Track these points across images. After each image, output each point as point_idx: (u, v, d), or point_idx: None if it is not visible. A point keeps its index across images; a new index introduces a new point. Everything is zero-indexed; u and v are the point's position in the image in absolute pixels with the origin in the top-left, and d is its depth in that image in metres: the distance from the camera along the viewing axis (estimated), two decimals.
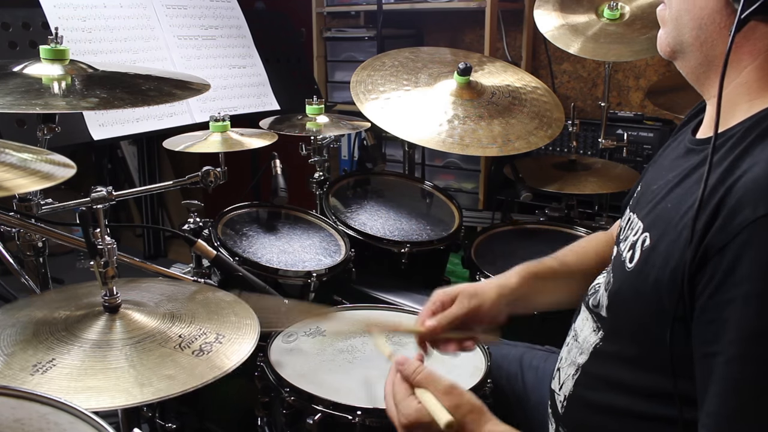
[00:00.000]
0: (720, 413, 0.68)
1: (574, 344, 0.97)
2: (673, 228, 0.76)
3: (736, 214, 0.67)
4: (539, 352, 1.26)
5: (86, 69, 1.19)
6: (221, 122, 1.60)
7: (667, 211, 0.80)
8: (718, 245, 0.68)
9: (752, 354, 0.66)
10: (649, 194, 0.88)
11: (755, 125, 0.74)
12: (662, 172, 0.89)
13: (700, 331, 0.71)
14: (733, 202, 0.68)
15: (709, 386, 0.70)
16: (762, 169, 0.68)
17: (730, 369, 0.67)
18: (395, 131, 1.78)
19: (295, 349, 1.28)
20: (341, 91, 2.96)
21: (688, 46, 0.82)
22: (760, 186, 0.67)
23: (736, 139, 0.75)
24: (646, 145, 2.41)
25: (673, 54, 0.85)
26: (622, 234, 0.92)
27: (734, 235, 0.67)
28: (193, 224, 1.49)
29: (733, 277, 0.67)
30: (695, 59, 0.82)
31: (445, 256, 1.85)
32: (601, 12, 1.99)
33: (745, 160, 0.71)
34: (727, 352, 0.67)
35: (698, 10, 0.78)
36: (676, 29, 0.83)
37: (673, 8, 0.82)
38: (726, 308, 0.68)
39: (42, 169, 0.93)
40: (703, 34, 0.79)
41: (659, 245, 0.78)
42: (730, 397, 0.67)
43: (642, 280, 0.80)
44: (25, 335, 0.98)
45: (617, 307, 0.88)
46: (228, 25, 2.31)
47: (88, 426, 0.63)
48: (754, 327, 0.65)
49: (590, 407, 0.91)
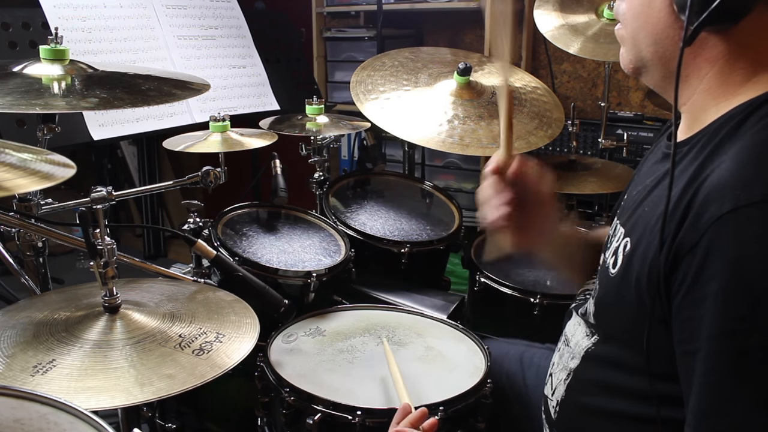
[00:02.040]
0: (700, 410, 0.69)
1: (565, 349, 0.98)
2: (649, 231, 0.78)
3: (704, 213, 0.68)
4: (539, 350, 1.26)
5: (86, 69, 1.19)
6: (221, 122, 1.60)
7: (644, 214, 0.82)
8: (688, 244, 0.70)
9: (726, 349, 0.67)
10: (630, 201, 0.90)
11: (722, 126, 0.76)
12: (642, 178, 0.91)
13: (678, 330, 0.73)
14: (701, 200, 0.70)
15: (689, 384, 0.71)
16: (727, 167, 0.70)
17: (706, 365, 0.68)
18: (395, 131, 1.78)
19: (295, 349, 1.28)
20: (341, 91, 2.96)
21: (648, 62, 0.84)
22: (724, 183, 0.68)
23: (704, 140, 0.77)
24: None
25: (637, 70, 0.87)
26: (608, 242, 0.93)
27: (702, 232, 0.68)
28: (193, 224, 1.49)
29: (704, 275, 0.68)
30: (658, 73, 0.84)
31: (445, 256, 1.85)
32: (601, 12, 1.99)
33: (713, 160, 0.73)
34: (703, 349, 0.68)
35: (651, 27, 0.81)
36: (635, 47, 0.85)
37: (629, 27, 0.85)
38: (699, 306, 0.69)
39: (42, 169, 0.93)
40: (660, 49, 0.81)
41: (638, 248, 0.80)
42: (708, 394, 0.69)
43: (625, 284, 0.81)
44: (26, 337, 0.98)
45: (604, 313, 0.89)
46: (228, 25, 2.31)
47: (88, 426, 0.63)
48: (725, 322, 0.67)
49: (583, 411, 0.91)
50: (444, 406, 1.08)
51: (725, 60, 0.77)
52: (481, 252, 1.77)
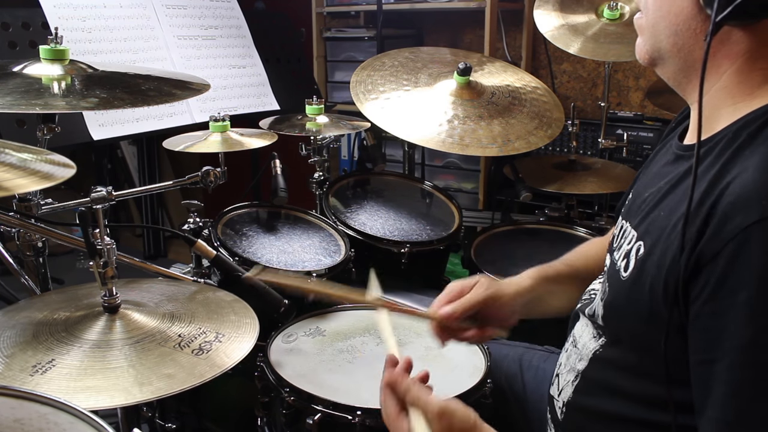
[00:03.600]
0: (720, 419, 0.68)
1: (573, 350, 0.97)
2: (666, 236, 0.76)
3: (728, 222, 0.67)
4: (538, 352, 1.26)
5: (86, 69, 1.19)
6: (221, 122, 1.60)
7: (660, 219, 0.80)
8: (710, 253, 0.68)
9: (750, 360, 0.66)
10: (640, 202, 0.89)
11: (741, 129, 0.74)
12: (653, 180, 0.89)
13: (695, 338, 0.72)
14: (724, 208, 0.68)
15: (707, 393, 0.70)
16: (751, 175, 0.68)
17: (729, 375, 0.67)
18: (395, 131, 1.78)
19: (295, 349, 1.28)
20: (341, 91, 2.96)
21: (666, 53, 0.83)
22: (749, 192, 0.67)
23: (723, 144, 0.75)
24: (646, 145, 2.41)
25: (653, 61, 0.86)
26: (615, 243, 0.92)
27: (726, 242, 0.67)
28: (193, 224, 1.49)
29: (728, 284, 0.67)
30: (674, 65, 0.83)
31: (445, 256, 1.85)
32: (600, 12, 1.99)
33: (734, 165, 0.72)
34: (726, 358, 0.67)
35: (673, 17, 0.79)
36: (654, 37, 0.83)
37: (650, 16, 0.83)
38: (722, 315, 0.68)
39: (42, 169, 0.93)
40: (680, 41, 0.80)
41: (653, 253, 0.78)
42: (729, 404, 0.68)
43: (637, 289, 0.80)
44: (25, 337, 0.98)
45: (614, 317, 0.88)
46: (228, 25, 2.31)
47: (88, 426, 0.63)
48: (751, 334, 0.66)
49: (590, 414, 0.91)
50: None
51: (746, 58, 0.76)
52: (481, 252, 1.77)
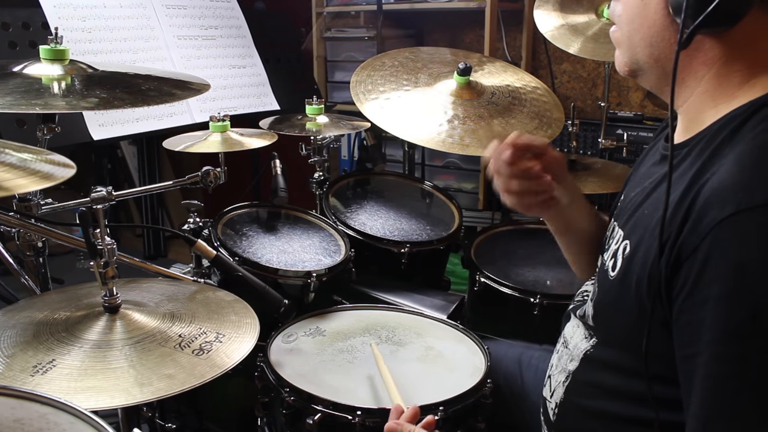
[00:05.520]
0: (702, 415, 0.69)
1: (564, 351, 0.98)
2: (650, 233, 0.77)
3: (704, 216, 0.68)
4: (537, 351, 1.26)
5: (86, 69, 1.19)
6: (221, 122, 1.60)
7: (644, 217, 0.81)
8: (689, 248, 0.69)
9: (728, 353, 0.67)
10: (628, 202, 0.90)
11: (721, 128, 0.76)
12: (640, 180, 0.91)
13: (679, 333, 0.73)
14: (702, 204, 0.69)
15: (690, 388, 0.71)
16: (727, 170, 0.69)
17: (708, 370, 0.68)
18: (395, 131, 1.78)
19: (295, 349, 1.28)
20: (341, 91, 2.96)
21: (644, 64, 0.84)
22: (725, 186, 0.68)
23: (704, 143, 0.77)
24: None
25: (633, 73, 0.87)
26: (606, 244, 0.93)
27: (703, 236, 0.68)
28: (193, 224, 1.49)
29: (704, 278, 0.68)
30: (654, 75, 0.84)
31: (445, 256, 1.85)
32: (601, 12, 1.99)
33: (713, 162, 0.73)
34: (704, 353, 0.68)
35: (647, 29, 0.81)
36: (630, 49, 0.85)
37: (624, 30, 0.85)
38: (700, 309, 0.68)
39: (42, 169, 0.93)
40: (656, 52, 0.81)
41: (638, 251, 0.79)
42: (709, 398, 0.68)
43: (624, 287, 0.81)
44: (26, 337, 0.98)
45: (602, 316, 0.89)
46: (228, 25, 2.31)
47: (88, 426, 0.63)
48: (726, 327, 0.66)
49: (582, 414, 0.91)
50: (444, 406, 1.08)
51: (722, 62, 0.77)
52: (481, 252, 1.77)
